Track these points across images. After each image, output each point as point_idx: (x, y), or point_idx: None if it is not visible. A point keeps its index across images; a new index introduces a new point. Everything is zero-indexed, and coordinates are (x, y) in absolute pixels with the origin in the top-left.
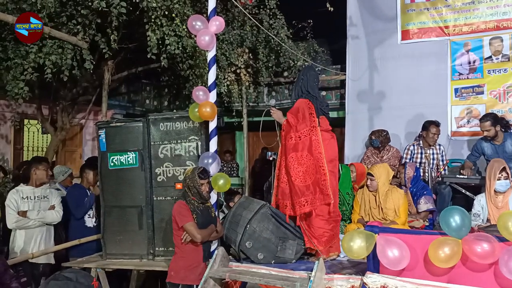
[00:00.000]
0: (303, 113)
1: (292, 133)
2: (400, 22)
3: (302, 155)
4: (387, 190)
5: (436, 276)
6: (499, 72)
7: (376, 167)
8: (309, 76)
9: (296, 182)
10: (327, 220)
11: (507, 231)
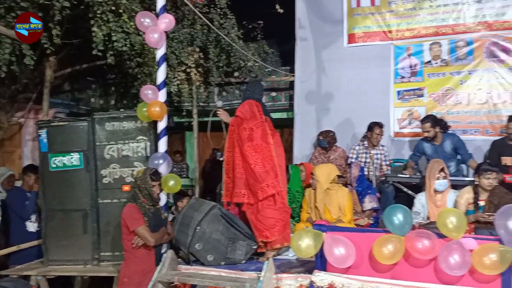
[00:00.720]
0: (252, 111)
1: (245, 124)
2: (346, 26)
3: (257, 144)
4: (328, 189)
5: (380, 272)
6: (438, 76)
7: (318, 167)
8: (255, 88)
9: (256, 168)
10: (277, 210)
11: (446, 228)
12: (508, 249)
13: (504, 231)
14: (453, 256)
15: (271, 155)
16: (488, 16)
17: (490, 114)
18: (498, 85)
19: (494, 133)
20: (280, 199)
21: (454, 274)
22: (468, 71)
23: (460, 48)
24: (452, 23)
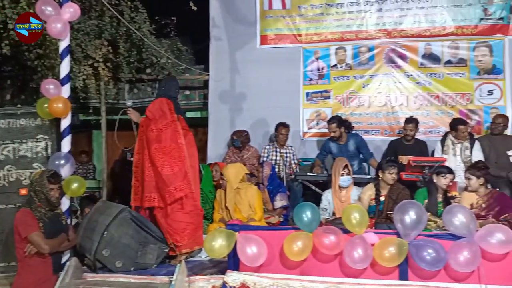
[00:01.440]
0: (163, 110)
1: (153, 125)
2: (259, 28)
3: (165, 145)
4: (238, 188)
5: (290, 269)
6: (342, 79)
7: (226, 168)
8: (170, 85)
9: (164, 171)
10: (188, 213)
11: (350, 224)
12: (404, 242)
13: (401, 225)
14: (357, 250)
15: (181, 156)
16: (387, 24)
17: (388, 116)
18: (396, 89)
19: (392, 133)
20: (190, 202)
21: (358, 267)
22: (370, 75)
23: (363, 54)
24: (356, 29)
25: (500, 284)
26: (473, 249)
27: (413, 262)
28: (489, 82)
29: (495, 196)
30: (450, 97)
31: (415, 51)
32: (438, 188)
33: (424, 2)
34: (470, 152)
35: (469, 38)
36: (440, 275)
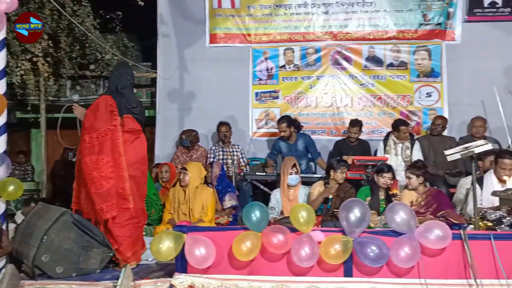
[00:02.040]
0: (102, 111)
1: (86, 135)
2: (208, 26)
3: (98, 158)
4: (196, 187)
5: (238, 269)
6: (291, 79)
7: (191, 163)
8: (122, 73)
9: (92, 189)
10: (124, 227)
11: (297, 222)
12: (349, 239)
13: (346, 222)
14: (304, 248)
15: (118, 171)
16: (333, 27)
17: (334, 117)
18: (341, 90)
19: (337, 133)
20: (126, 215)
21: (305, 265)
22: (317, 76)
23: (310, 55)
24: (303, 31)
25: (439, 278)
26: (413, 245)
27: (358, 258)
28: (428, 84)
29: (433, 194)
30: (392, 99)
31: (359, 53)
32: (380, 187)
33: (368, 6)
34: (411, 151)
35: (409, 42)
36: (382, 270)
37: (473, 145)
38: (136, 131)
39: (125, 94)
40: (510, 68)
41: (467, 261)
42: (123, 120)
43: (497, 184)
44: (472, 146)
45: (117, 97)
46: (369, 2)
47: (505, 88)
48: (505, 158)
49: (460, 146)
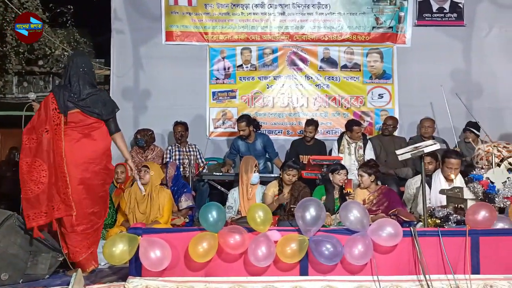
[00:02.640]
0: (42, 110)
1: (25, 135)
2: (164, 23)
3: (32, 161)
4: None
5: (194, 271)
6: (248, 79)
7: (151, 163)
8: (71, 64)
9: (22, 193)
10: (74, 233)
11: (254, 222)
12: (305, 238)
13: (302, 221)
14: (261, 248)
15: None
16: (290, 28)
17: (290, 117)
18: (297, 90)
19: (294, 133)
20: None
21: (261, 265)
22: (273, 76)
23: (267, 55)
24: (260, 31)
25: (391, 274)
26: (366, 242)
27: (313, 257)
28: (380, 86)
29: (384, 192)
30: (346, 100)
31: (314, 55)
32: (335, 186)
33: (323, 9)
34: (363, 151)
35: (362, 44)
36: (337, 268)
37: (423, 145)
38: (87, 127)
39: (73, 86)
40: (456, 71)
41: (417, 257)
42: (66, 118)
43: (445, 183)
44: (421, 146)
45: (62, 92)
46: (324, 4)
47: (452, 90)
48: (451, 157)
49: (410, 146)
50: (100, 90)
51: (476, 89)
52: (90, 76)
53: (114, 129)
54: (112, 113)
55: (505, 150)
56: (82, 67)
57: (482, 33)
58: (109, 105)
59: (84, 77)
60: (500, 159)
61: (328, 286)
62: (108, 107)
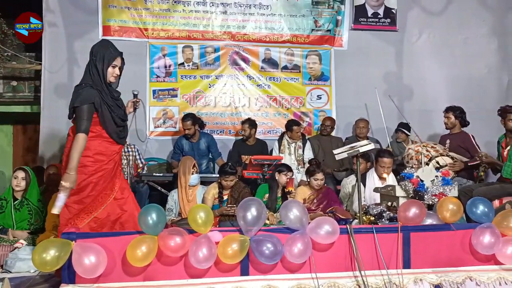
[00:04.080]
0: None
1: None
2: (101, 17)
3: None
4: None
5: (132, 276)
6: (190, 78)
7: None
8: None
9: None
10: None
11: (195, 223)
12: (246, 238)
13: (243, 221)
14: (202, 250)
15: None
16: (232, 27)
17: (232, 116)
18: (239, 90)
19: (235, 133)
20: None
21: (202, 267)
22: (215, 75)
23: (209, 54)
24: (202, 29)
25: (328, 271)
26: (305, 241)
27: (254, 257)
28: (318, 87)
29: (324, 191)
30: (286, 100)
31: (256, 55)
32: (279, 185)
33: (264, 9)
34: (303, 151)
35: (302, 46)
36: (277, 267)
37: (358, 145)
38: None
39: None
40: (389, 74)
41: (353, 254)
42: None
43: (378, 181)
44: (357, 146)
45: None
46: (265, 5)
47: (385, 92)
48: (384, 157)
49: (346, 145)
50: (79, 85)
51: (407, 92)
52: (90, 67)
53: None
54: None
55: (433, 150)
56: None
57: (413, 38)
58: (71, 101)
59: (86, 68)
60: (428, 158)
61: (268, 285)
62: (69, 104)
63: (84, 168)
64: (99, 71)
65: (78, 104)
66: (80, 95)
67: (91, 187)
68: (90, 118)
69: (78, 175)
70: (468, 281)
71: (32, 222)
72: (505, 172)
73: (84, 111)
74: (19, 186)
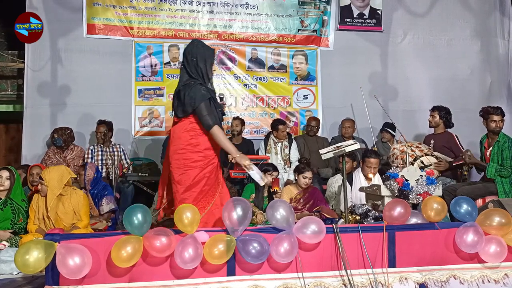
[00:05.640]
0: None
1: None
2: (86, 15)
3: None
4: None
5: (117, 277)
6: (176, 77)
7: (47, 170)
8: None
9: None
10: None
11: (182, 223)
12: (232, 238)
13: (229, 221)
14: (188, 250)
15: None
16: (218, 27)
17: None
18: (226, 90)
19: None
20: None
21: (188, 267)
22: None
23: None
24: (188, 28)
25: (314, 271)
26: (292, 240)
27: (240, 257)
28: (305, 87)
29: (310, 191)
30: (273, 100)
31: (243, 54)
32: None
33: (251, 9)
34: (289, 150)
35: (288, 46)
36: (264, 267)
37: (344, 145)
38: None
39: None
40: (374, 74)
41: (339, 253)
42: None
43: (364, 181)
44: (343, 145)
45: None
46: (252, 5)
47: (370, 93)
48: (371, 157)
49: (332, 145)
50: (188, 85)
51: (392, 92)
52: (190, 68)
53: (204, 124)
54: (184, 112)
55: (418, 150)
56: (187, 58)
57: (398, 39)
58: (187, 100)
59: (182, 71)
60: (413, 158)
61: (255, 285)
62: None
63: (196, 163)
64: (202, 70)
65: (198, 103)
66: (196, 93)
67: (204, 182)
68: (212, 111)
69: (192, 170)
70: (452, 280)
71: (15, 222)
72: (489, 173)
73: (205, 107)
74: (3, 185)
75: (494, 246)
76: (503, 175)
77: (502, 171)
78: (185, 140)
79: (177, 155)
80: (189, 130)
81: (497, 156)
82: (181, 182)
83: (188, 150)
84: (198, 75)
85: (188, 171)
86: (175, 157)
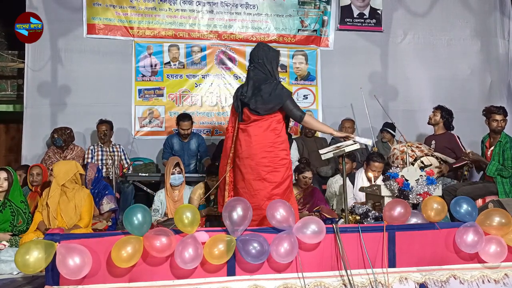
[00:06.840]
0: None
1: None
2: (86, 15)
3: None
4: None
5: (117, 277)
6: (176, 77)
7: (58, 164)
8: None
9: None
10: None
11: (182, 223)
12: (232, 238)
13: (229, 222)
14: (188, 250)
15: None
16: (218, 27)
17: (219, 116)
18: (226, 90)
19: (222, 133)
20: None
21: (188, 267)
22: (202, 75)
23: (196, 53)
24: (188, 28)
25: (314, 271)
26: (292, 240)
27: (240, 257)
28: (305, 87)
29: (310, 191)
30: None
31: (243, 54)
32: None
33: (251, 9)
34: None
35: (288, 46)
36: (264, 267)
37: (344, 145)
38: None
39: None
40: (374, 74)
41: (339, 253)
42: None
43: (367, 182)
44: (343, 145)
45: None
46: (252, 5)
47: (370, 92)
48: (376, 161)
49: (332, 145)
50: (269, 84)
51: (392, 92)
52: (263, 70)
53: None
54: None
55: (418, 150)
56: (254, 61)
57: (398, 39)
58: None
59: (255, 72)
60: (413, 158)
61: (255, 285)
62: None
63: (283, 161)
64: (270, 71)
65: (286, 98)
66: (282, 89)
67: (290, 179)
68: (296, 104)
69: (282, 168)
70: (452, 280)
71: (15, 224)
72: (489, 171)
73: (291, 102)
74: (1, 186)
75: (494, 246)
76: (504, 175)
77: (502, 171)
78: (272, 138)
79: (265, 153)
80: (273, 129)
81: (498, 155)
82: (270, 179)
83: (276, 148)
84: (270, 74)
85: (278, 169)
86: (262, 155)
